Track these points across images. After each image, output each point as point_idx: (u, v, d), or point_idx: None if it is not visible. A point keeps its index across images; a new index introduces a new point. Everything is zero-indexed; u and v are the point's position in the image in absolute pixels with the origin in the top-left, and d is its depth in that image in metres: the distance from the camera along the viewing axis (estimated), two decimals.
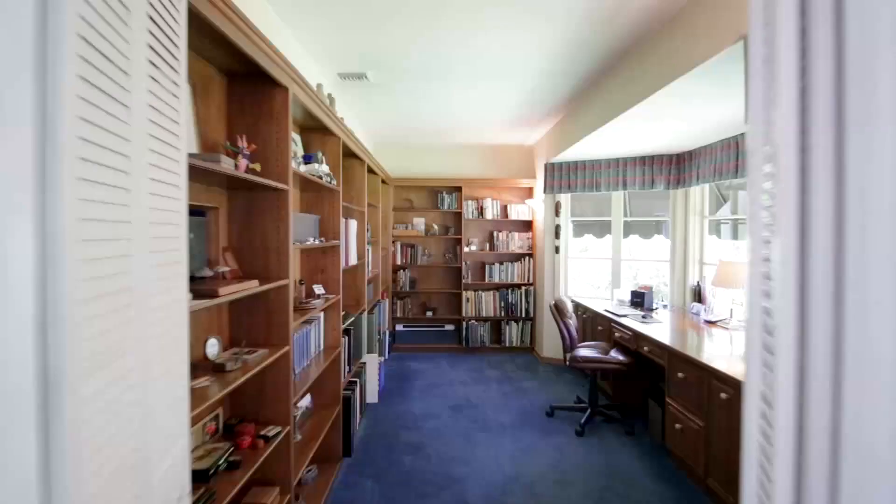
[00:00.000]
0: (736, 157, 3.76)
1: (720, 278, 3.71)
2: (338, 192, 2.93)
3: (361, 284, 3.86)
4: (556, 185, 5.32)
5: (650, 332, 3.47)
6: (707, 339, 3.31)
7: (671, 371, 3.12)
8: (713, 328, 3.70)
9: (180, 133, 1.07)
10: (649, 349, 3.43)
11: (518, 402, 4.23)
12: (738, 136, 3.73)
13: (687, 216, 4.76)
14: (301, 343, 2.50)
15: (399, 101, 4.27)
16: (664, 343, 3.18)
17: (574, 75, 3.60)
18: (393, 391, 4.47)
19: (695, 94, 2.88)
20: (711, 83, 2.65)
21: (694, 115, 3.42)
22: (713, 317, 3.90)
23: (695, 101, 3.05)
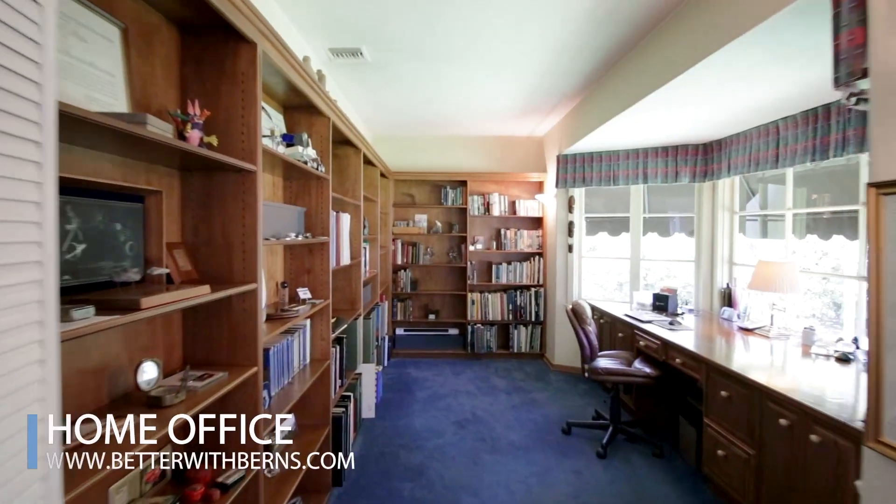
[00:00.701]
0: (776, 144, 3.35)
1: (759, 281, 3.30)
2: (326, 181, 2.53)
3: (357, 286, 3.47)
4: (570, 179, 4.91)
5: (682, 342, 3.06)
6: (748, 351, 2.91)
7: (711, 387, 2.72)
8: (750, 336, 3.29)
9: (40, 61, 0.68)
10: (682, 361, 3.02)
11: (530, 417, 3.82)
12: (777, 121, 3.32)
13: (715, 212, 4.35)
14: (280, 357, 2.10)
15: (398, 85, 3.87)
16: (702, 355, 2.77)
17: (594, 53, 3.19)
18: (392, 403, 4.07)
19: (735, 72, 2.48)
20: (766, 51, 2.23)
21: (729, 99, 3.02)
22: (749, 323, 3.50)
23: (731, 83, 2.66)
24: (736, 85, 2.76)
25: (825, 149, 2.94)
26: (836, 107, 2.83)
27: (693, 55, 2.48)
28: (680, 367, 3.04)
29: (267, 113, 2.10)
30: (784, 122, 3.27)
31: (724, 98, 3.04)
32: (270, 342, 2.02)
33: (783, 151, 3.29)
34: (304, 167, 2.22)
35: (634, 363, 3.45)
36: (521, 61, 3.31)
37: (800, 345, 3.03)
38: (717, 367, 2.62)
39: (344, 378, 2.98)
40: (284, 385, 2.15)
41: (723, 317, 3.91)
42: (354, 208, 3.46)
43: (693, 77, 2.63)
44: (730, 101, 3.08)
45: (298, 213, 2.44)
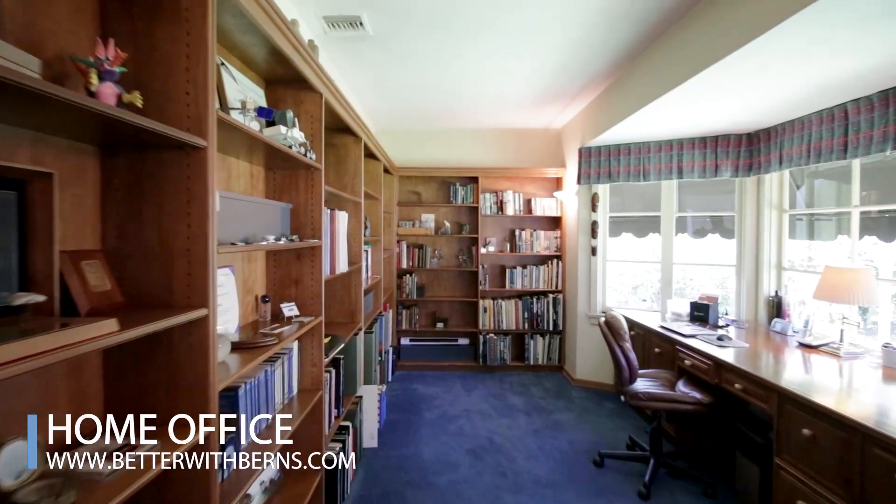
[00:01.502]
0: (844, 130, 2.86)
1: (826, 290, 2.81)
2: (318, 172, 2.07)
3: (357, 296, 3.00)
4: (594, 174, 4.43)
5: (741, 363, 2.58)
6: (822, 374, 2.42)
7: (785, 421, 2.23)
8: (813, 354, 2.81)
9: None
10: (742, 387, 2.54)
11: (555, 444, 3.34)
12: (845, 104, 2.83)
13: (760, 210, 3.86)
14: (256, 395, 1.64)
15: (403, 65, 3.40)
16: (773, 382, 2.28)
17: (637, 22, 2.70)
18: (397, 427, 3.60)
19: (806, 40, 2.00)
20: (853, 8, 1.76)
21: (786, 79, 2.56)
22: (812, 339, 3.00)
23: (795, 57, 2.19)
24: (797, 61, 2.30)
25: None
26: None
27: (761, 21, 2.02)
28: (740, 395, 2.55)
29: (231, 75, 1.64)
30: (854, 104, 2.78)
31: (780, 78, 2.58)
32: (244, 377, 1.56)
33: (853, 139, 2.80)
34: (289, 153, 1.76)
35: (678, 385, 2.97)
36: (550, 30, 2.83)
37: (879, 366, 2.55)
38: (797, 398, 2.13)
39: (341, 407, 2.51)
40: (263, 429, 1.69)
41: (774, 329, 3.42)
42: (354, 206, 3.00)
43: (757, 49, 2.17)
44: (786, 81, 2.61)
45: (282, 211, 1.97)
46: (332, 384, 2.37)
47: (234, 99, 1.60)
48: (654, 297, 4.97)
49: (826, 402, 2.00)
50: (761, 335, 3.31)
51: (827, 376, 2.39)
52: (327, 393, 2.27)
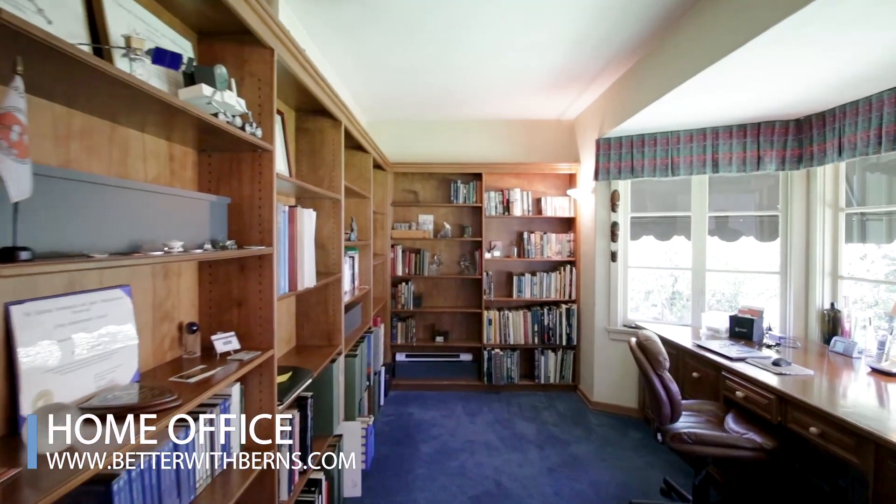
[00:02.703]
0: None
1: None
2: (269, 154, 1.54)
3: (335, 313, 2.47)
4: (613, 169, 3.89)
5: (816, 399, 2.03)
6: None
7: (888, 485, 1.68)
8: (892, 383, 2.26)
9: None
10: (820, 431, 1.99)
11: (574, 489, 2.79)
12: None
13: (811, 209, 3.31)
14: (150, 482, 1.10)
15: (398, 42, 2.88)
16: (870, 430, 1.73)
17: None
18: (387, 464, 3.06)
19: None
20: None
21: (846, 51, 2.05)
22: (890, 364, 2.46)
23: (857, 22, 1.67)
24: (862, 26, 1.78)
25: None
26: None
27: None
28: (817, 441, 2.00)
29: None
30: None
31: (839, 50, 2.07)
32: (130, 461, 1.03)
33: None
34: (215, 123, 1.23)
35: (727, 422, 2.43)
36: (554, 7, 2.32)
37: None
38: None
39: (309, 457, 1.97)
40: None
41: (834, 350, 2.87)
42: (332, 204, 2.48)
43: (812, 15, 1.66)
44: (852, 50, 2.09)
45: (213, 207, 1.44)
46: (296, 432, 1.84)
47: (115, 32, 1.07)
48: (665, 302, 4.43)
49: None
50: (821, 358, 2.76)
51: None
52: (286, 446, 1.74)
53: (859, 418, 1.83)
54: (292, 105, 2.34)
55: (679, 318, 4.12)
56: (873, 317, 3.07)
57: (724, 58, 2.22)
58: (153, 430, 0.97)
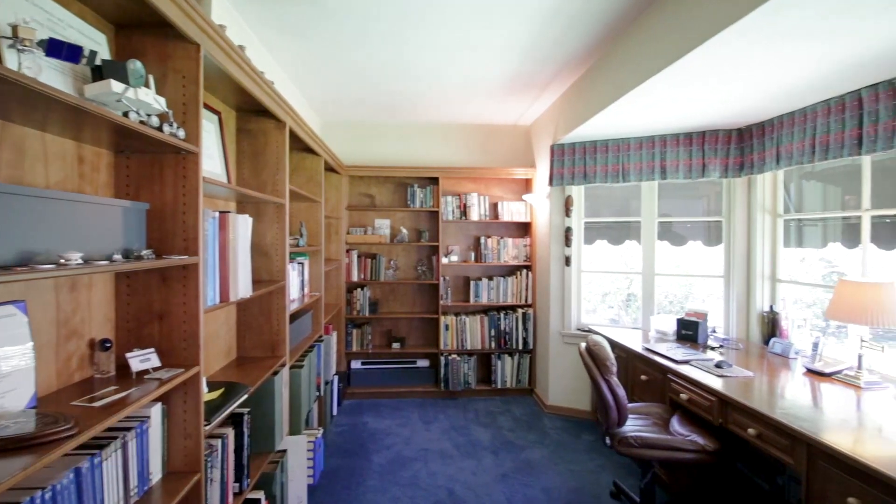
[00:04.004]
0: (858, 121, 2.45)
1: (840, 308, 2.39)
2: (194, 156, 1.44)
3: (279, 323, 2.36)
4: (567, 175, 3.94)
5: (756, 402, 2.09)
6: (850, 414, 1.95)
7: (821, 485, 1.75)
8: (826, 383, 2.37)
9: None
10: (758, 433, 2.05)
11: (527, 495, 2.78)
12: (860, 90, 2.43)
13: (752, 215, 3.45)
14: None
15: (348, 41, 2.80)
16: (804, 433, 1.79)
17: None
18: (337, 478, 2.95)
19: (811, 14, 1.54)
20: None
21: (789, 62, 2.14)
22: (822, 365, 2.57)
23: (798, 35, 1.73)
24: (796, 40, 1.87)
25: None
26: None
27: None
28: (754, 442, 2.06)
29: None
30: (871, 90, 2.37)
31: (780, 61, 2.16)
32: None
33: (870, 131, 2.39)
34: (130, 124, 1.13)
35: (673, 424, 2.48)
36: (505, 16, 2.31)
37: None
38: (840, 457, 1.64)
39: (246, 477, 1.86)
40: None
41: (773, 351, 2.99)
42: (276, 209, 2.37)
43: (749, 26, 1.74)
44: (787, 64, 2.20)
45: (128, 214, 1.33)
46: (230, 451, 1.73)
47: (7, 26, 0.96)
48: (621, 304, 4.53)
49: (876, 462, 1.52)
50: (761, 359, 2.87)
51: (856, 416, 1.93)
52: (218, 467, 1.63)
53: (793, 419, 1.89)
54: (232, 105, 2.22)
55: (634, 320, 4.21)
56: (810, 317, 3.23)
57: (667, 67, 2.28)
58: (40, 464, 0.87)
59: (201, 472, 1.46)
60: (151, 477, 1.37)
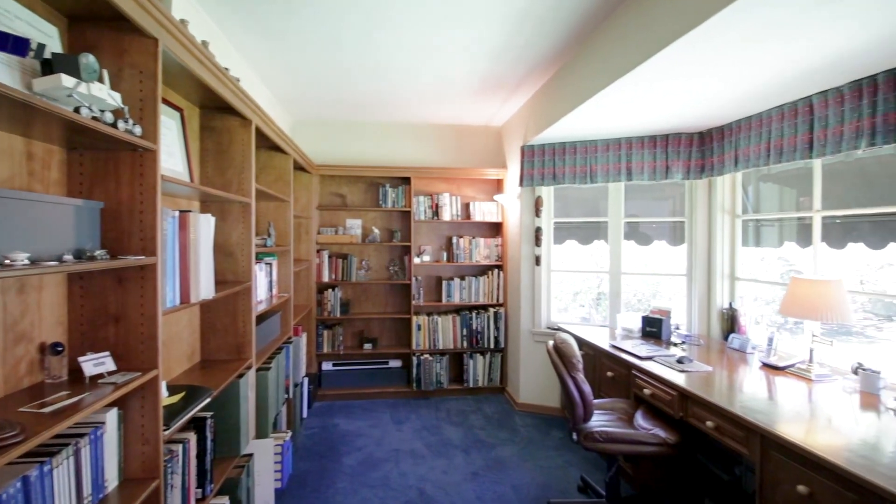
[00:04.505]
0: (809, 126, 2.58)
1: (793, 304, 2.50)
2: (153, 154, 1.40)
3: (245, 325, 2.32)
4: (537, 176, 3.99)
5: (713, 395, 2.17)
6: (802, 406, 2.05)
7: (773, 474, 1.83)
8: (780, 377, 2.48)
9: None
10: (716, 425, 2.13)
11: (496, 492, 2.81)
12: (811, 97, 2.55)
13: (712, 216, 3.57)
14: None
15: (316, 38, 2.78)
16: (757, 424, 1.87)
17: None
18: (306, 481, 2.92)
19: (765, 21, 1.63)
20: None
21: (747, 67, 2.23)
22: (777, 359, 2.69)
23: (756, 41, 1.82)
24: (753, 47, 1.98)
25: (891, 129, 2.16)
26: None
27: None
28: (713, 434, 2.14)
29: None
30: (821, 97, 2.49)
31: (736, 67, 2.26)
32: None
33: (820, 136, 2.52)
34: (81, 120, 1.10)
35: (637, 418, 2.55)
36: (474, 19, 2.34)
37: (855, 391, 2.25)
38: (790, 447, 1.73)
39: (209, 482, 1.82)
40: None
41: (732, 346, 3.11)
42: (242, 208, 2.33)
43: (708, 33, 1.83)
44: (742, 71, 2.30)
45: (82, 213, 1.29)
46: (191, 456, 1.69)
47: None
48: (592, 303, 4.63)
49: (823, 451, 1.60)
50: (721, 354, 2.97)
51: (807, 407, 2.03)
52: (179, 473, 1.59)
53: (748, 412, 1.98)
54: (195, 102, 2.17)
55: (604, 319, 4.30)
56: (768, 313, 3.37)
57: (630, 71, 2.34)
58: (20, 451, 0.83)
59: (160, 478, 1.43)
60: (107, 484, 1.33)
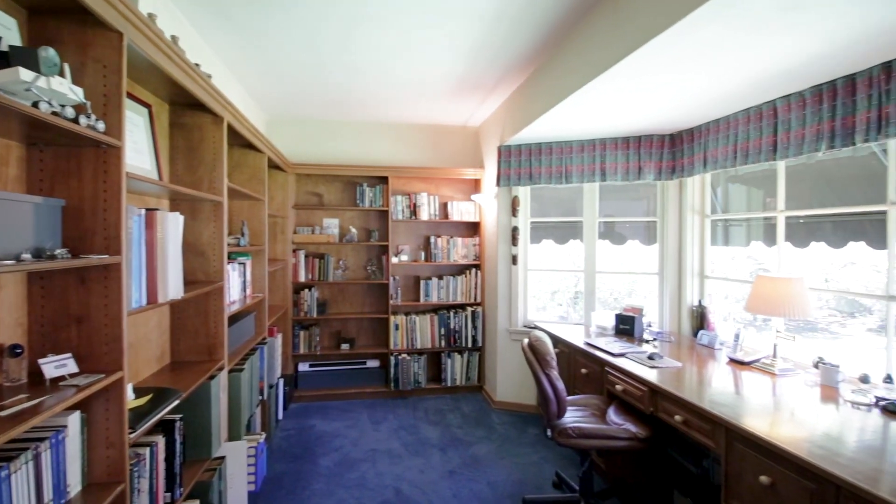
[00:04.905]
0: (773, 129, 2.67)
1: (758, 302, 2.58)
2: (117, 151, 1.37)
3: (217, 325, 2.28)
4: (514, 176, 4.03)
5: (681, 390, 2.23)
6: (765, 399, 2.12)
7: (735, 464, 1.89)
8: (746, 371, 2.57)
9: None
10: (684, 419, 2.19)
11: (473, 490, 2.83)
12: (775, 101, 2.64)
13: (683, 215, 3.67)
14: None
15: (290, 36, 2.75)
16: (722, 418, 1.93)
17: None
18: (281, 483, 2.89)
19: (734, 26, 1.68)
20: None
21: (714, 70, 2.30)
22: (743, 354, 2.78)
23: (723, 48, 1.88)
24: (719, 52, 2.04)
25: (848, 133, 2.26)
26: (865, 77, 2.16)
27: (679, 6, 1.72)
28: (681, 428, 2.20)
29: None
30: (785, 101, 2.59)
31: (703, 72, 2.32)
32: None
33: (783, 138, 2.61)
34: (39, 115, 1.06)
35: (609, 414, 2.60)
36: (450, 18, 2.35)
37: (816, 385, 2.34)
38: (751, 437, 1.79)
39: (178, 488, 1.79)
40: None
41: (701, 343, 3.20)
42: (213, 207, 2.29)
43: (676, 36, 1.88)
44: (710, 75, 2.37)
45: (42, 211, 1.25)
46: (159, 460, 1.65)
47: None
48: (570, 301, 4.70)
49: (784, 442, 1.66)
50: (690, 350, 3.06)
51: (770, 401, 2.10)
52: (146, 476, 1.56)
53: (714, 406, 2.04)
54: (165, 98, 2.13)
55: (581, 317, 4.36)
56: (736, 310, 3.47)
57: (603, 73, 2.37)
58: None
59: (126, 482, 1.40)
60: (69, 489, 1.29)
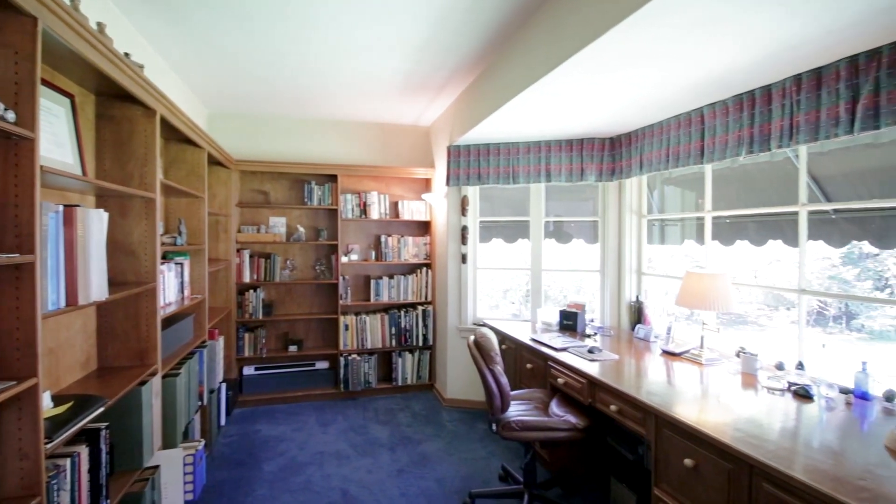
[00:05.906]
0: (701, 135, 2.85)
1: (687, 296, 2.76)
2: (30, 143, 1.28)
3: (149, 328, 2.18)
4: (463, 175, 4.08)
5: (615, 380, 2.34)
6: (691, 387, 2.27)
7: (663, 449, 2.01)
8: (676, 362, 2.74)
9: None
10: (618, 408, 2.30)
11: (421, 486, 2.85)
12: (702, 108, 2.83)
13: (622, 215, 3.84)
14: None
15: (232, 26, 2.66)
16: (651, 405, 2.05)
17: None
18: (222, 491, 2.79)
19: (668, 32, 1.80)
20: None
21: (648, 76, 2.43)
22: (674, 346, 2.95)
23: (658, 54, 2.01)
24: (652, 59, 2.16)
25: (765, 139, 2.45)
26: (780, 88, 2.35)
27: (612, 14, 1.83)
28: (616, 417, 2.31)
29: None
30: (710, 108, 2.77)
31: (638, 78, 2.45)
32: None
33: (709, 144, 2.80)
34: None
35: (552, 407, 2.69)
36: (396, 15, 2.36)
37: (738, 373, 2.52)
38: (676, 423, 1.91)
39: (104, 500, 1.69)
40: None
41: (638, 336, 3.37)
42: (145, 204, 2.19)
43: (619, 37, 1.97)
44: (644, 82, 2.50)
45: None
46: (82, 471, 1.56)
47: None
48: (522, 300, 4.81)
49: (706, 427, 1.79)
50: (628, 343, 3.21)
51: (696, 389, 2.25)
52: (67, 489, 1.47)
53: (645, 395, 2.16)
54: (90, 88, 2.01)
55: (532, 316, 4.47)
56: (670, 305, 3.66)
57: (543, 77, 2.45)
58: None
59: (42, 495, 1.31)
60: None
